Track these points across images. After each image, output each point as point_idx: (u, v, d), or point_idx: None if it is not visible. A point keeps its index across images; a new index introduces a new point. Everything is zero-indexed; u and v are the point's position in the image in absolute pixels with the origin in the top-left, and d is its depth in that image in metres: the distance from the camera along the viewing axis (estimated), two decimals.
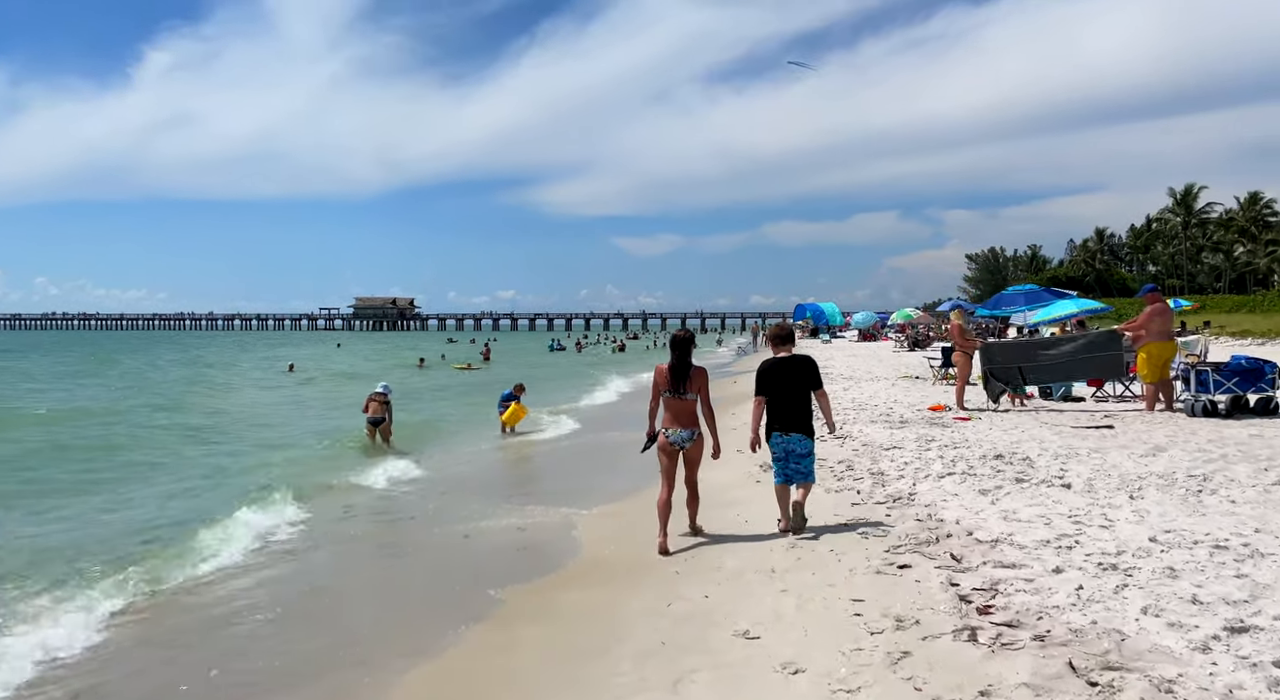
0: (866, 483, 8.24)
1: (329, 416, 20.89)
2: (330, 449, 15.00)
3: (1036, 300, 20.17)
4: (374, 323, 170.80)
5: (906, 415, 13.27)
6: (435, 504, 10.14)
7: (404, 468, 12.43)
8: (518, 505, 9.75)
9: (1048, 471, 8.01)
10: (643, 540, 7.42)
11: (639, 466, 11.91)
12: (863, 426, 12.12)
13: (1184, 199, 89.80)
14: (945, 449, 9.66)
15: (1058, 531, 5.79)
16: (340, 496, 10.79)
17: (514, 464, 14.04)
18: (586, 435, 16.50)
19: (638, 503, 9.35)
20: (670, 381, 6.83)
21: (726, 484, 9.05)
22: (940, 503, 7.00)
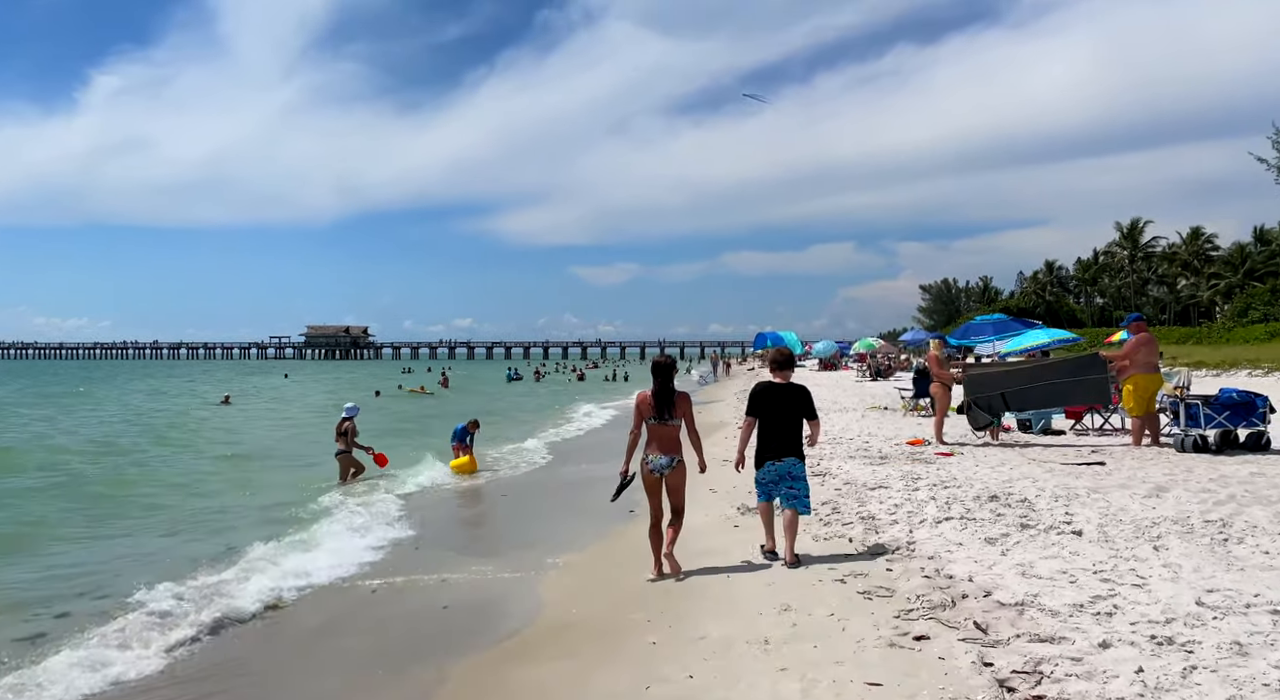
0: (858, 529, 7.50)
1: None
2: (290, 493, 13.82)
3: (1005, 330, 19.83)
4: (326, 351, 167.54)
5: (885, 450, 12.63)
6: (370, 557, 9.10)
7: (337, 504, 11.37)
8: (469, 557, 8.81)
9: (1052, 516, 7.35)
10: (613, 597, 6.60)
11: (606, 506, 11.13)
12: (841, 462, 11.43)
13: (1130, 233, 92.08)
14: (935, 489, 8.98)
15: (1089, 592, 5.09)
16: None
17: (466, 507, 13.02)
18: (547, 471, 15.60)
19: (605, 550, 8.53)
20: (654, 407, 6.69)
21: (701, 528, 8.25)
22: (945, 554, 6.28)
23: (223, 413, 33.36)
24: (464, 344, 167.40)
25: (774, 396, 6.89)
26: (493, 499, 12.92)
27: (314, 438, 23.01)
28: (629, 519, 9.98)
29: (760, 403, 6.89)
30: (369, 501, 11.92)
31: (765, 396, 6.91)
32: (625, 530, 9.34)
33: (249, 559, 8.65)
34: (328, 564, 8.46)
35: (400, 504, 11.96)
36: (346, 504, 11.83)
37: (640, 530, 9.05)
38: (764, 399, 6.90)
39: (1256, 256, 76.01)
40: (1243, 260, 76.96)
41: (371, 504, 11.74)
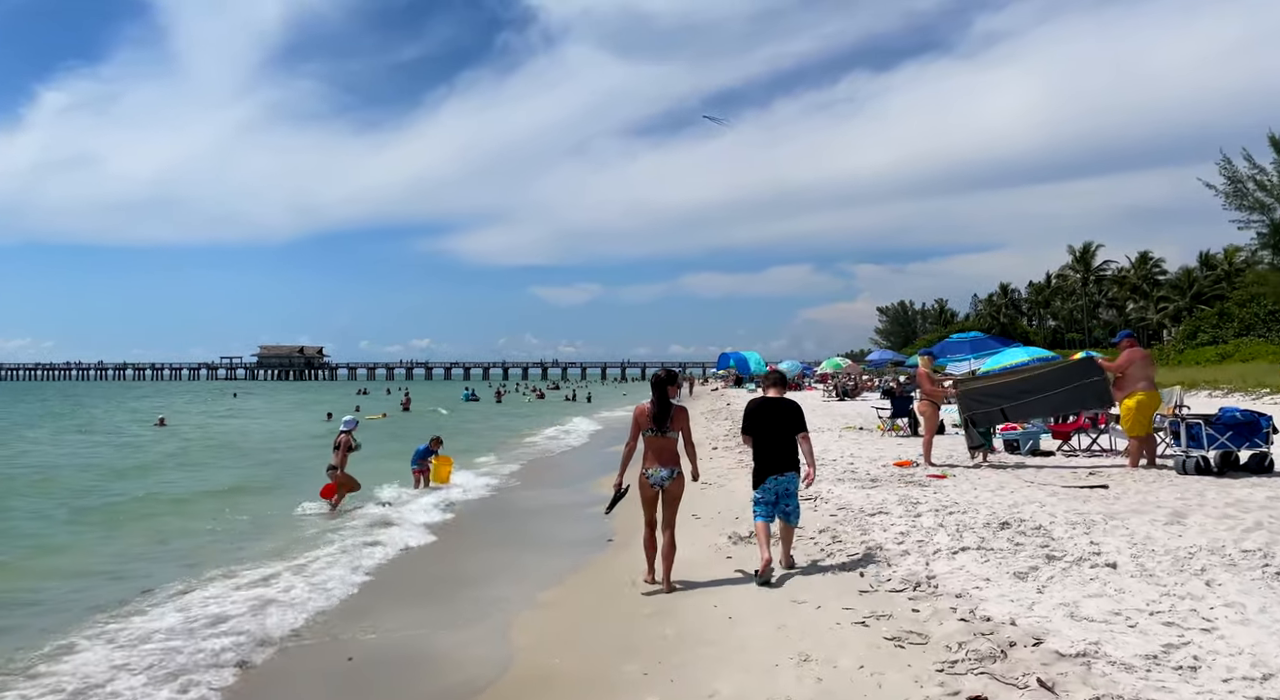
0: (865, 560, 6.79)
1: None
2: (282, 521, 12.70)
3: (982, 348, 19.46)
4: (280, 372, 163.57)
5: (872, 471, 12.00)
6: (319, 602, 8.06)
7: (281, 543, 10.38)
8: (427, 600, 7.93)
9: (1076, 545, 6.72)
10: (599, 642, 5.79)
11: (579, 535, 10.32)
12: (830, 485, 10.76)
13: (1083, 256, 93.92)
14: (939, 514, 8.33)
15: (1158, 640, 4.43)
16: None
17: (424, 535, 12.00)
18: (512, 495, 14.70)
19: (585, 584, 7.71)
20: (652, 420, 6.75)
21: (691, 560, 7.48)
22: (974, 592, 5.60)
23: (155, 436, 31.69)
24: (422, 364, 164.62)
25: (768, 412, 6.94)
26: (449, 528, 11.99)
27: (258, 460, 21.85)
28: (606, 548, 9.22)
29: (756, 419, 6.96)
30: (315, 538, 10.90)
31: (760, 413, 6.96)
32: (604, 560, 8.57)
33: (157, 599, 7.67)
34: (275, 614, 7.50)
35: (346, 538, 11.00)
36: (288, 542, 10.84)
37: (620, 559, 8.32)
38: (759, 415, 6.96)
39: (1203, 280, 77.85)
40: (1190, 284, 78.79)
41: (316, 540, 10.76)
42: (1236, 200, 56.73)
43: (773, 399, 7.02)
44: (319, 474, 13.75)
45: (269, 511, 13.21)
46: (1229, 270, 73.87)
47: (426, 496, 14.04)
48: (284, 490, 15.55)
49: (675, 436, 6.79)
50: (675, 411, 6.82)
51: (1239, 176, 55.76)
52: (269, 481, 17.30)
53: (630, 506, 11.66)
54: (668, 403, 6.81)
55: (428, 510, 12.85)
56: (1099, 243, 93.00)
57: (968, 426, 12.32)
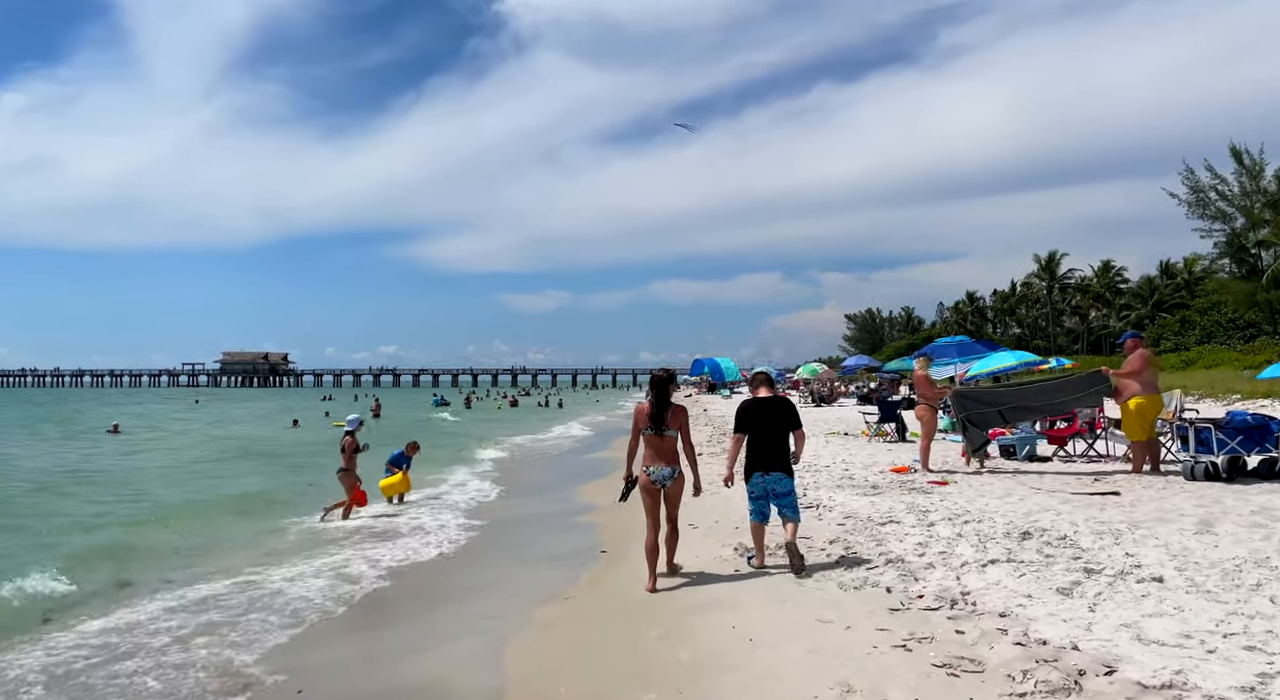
0: (889, 574, 6.30)
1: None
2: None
3: (969, 352, 19.18)
4: (243, 379, 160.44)
5: (870, 478, 11.55)
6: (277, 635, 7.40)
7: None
8: (403, 618, 7.32)
9: (1110, 557, 6.29)
10: (605, 666, 5.23)
11: (572, 545, 9.66)
12: (829, 492, 10.30)
13: (1048, 264, 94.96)
14: (954, 523, 7.88)
15: (1248, 668, 3.98)
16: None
17: (403, 550, 11.35)
18: (498, 502, 14.05)
19: (583, 599, 7.13)
20: (651, 419, 6.76)
21: (701, 576, 6.95)
22: (1019, 610, 5.12)
23: (108, 444, 30.46)
24: (389, 371, 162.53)
25: (760, 412, 7.01)
26: (433, 540, 11.34)
27: (206, 472, 21.00)
28: (600, 560, 8.64)
29: (747, 419, 7.03)
30: (279, 555, 10.20)
31: (752, 413, 7.04)
32: (600, 573, 7.99)
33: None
34: (222, 643, 6.84)
35: (315, 554, 10.32)
36: (245, 559, 10.13)
37: (618, 572, 7.75)
38: (751, 415, 7.03)
39: (1164, 289, 79.04)
40: (1151, 292, 79.94)
41: (280, 557, 10.06)
42: (1199, 210, 57.76)
43: (765, 398, 7.11)
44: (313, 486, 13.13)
45: (225, 527, 12.47)
46: (1189, 279, 75.16)
47: (403, 507, 13.37)
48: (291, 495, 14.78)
49: (674, 436, 6.78)
50: (674, 410, 6.81)
51: (1201, 186, 56.89)
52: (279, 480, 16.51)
53: (618, 515, 11.12)
54: (667, 402, 6.81)
55: (406, 521, 12.19)
56: (1064, 251, 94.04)
57: (966, 428, 11.93)
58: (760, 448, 6.90)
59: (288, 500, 14.66)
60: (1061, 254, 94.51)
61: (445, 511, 13.01)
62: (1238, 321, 56.01)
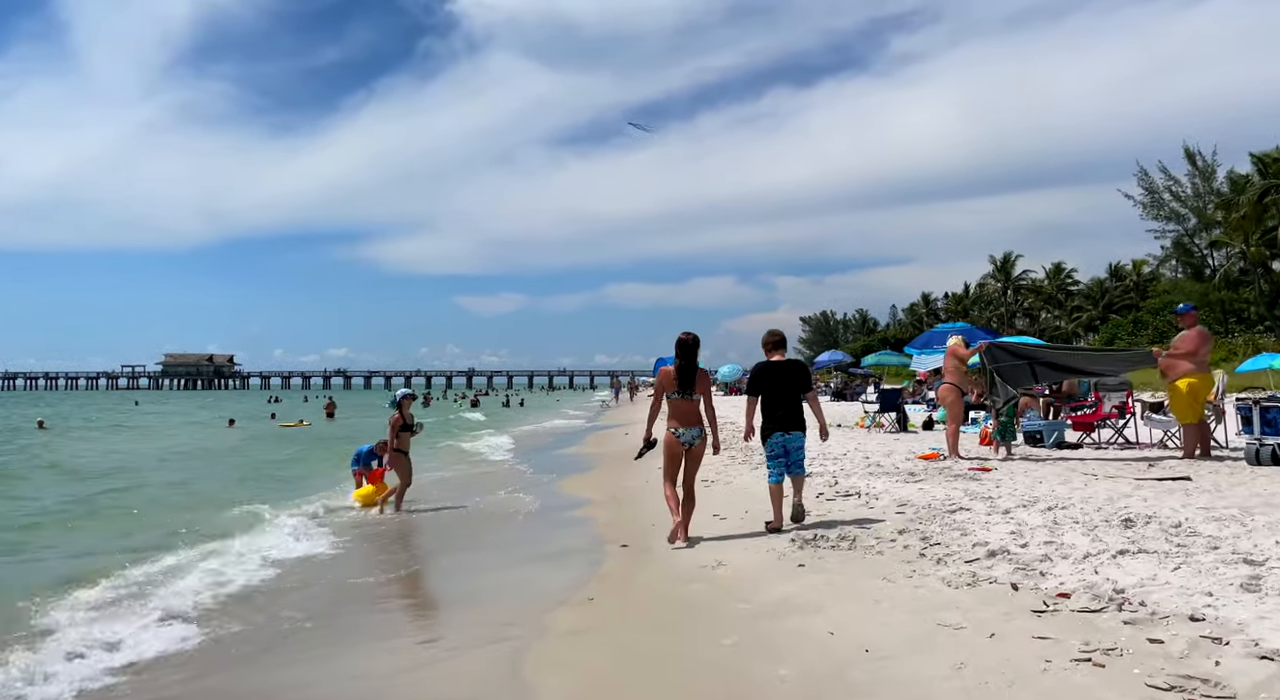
0: (999, 568, 5.13)
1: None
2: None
3: (971, 339, 18.15)
4: (186, 381, 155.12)
5: (900, 465, 10.46)
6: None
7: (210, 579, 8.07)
8: (404, 633, 5.99)
9: (1260, 547, 5.23)
10: (679, 689, 3.98)
11: (574, 540, 8.35)
12: (865, 480, 9.18)
13: (1004, 266, 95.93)
14: (1033, 510, 6.79)
15: None
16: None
17: (387, 550, 9.80)
18: (475, 497, 12.63)
19: (612, 600, 5.85)
20: (678, 382, 6.94)
21: (760, 577, 5.75)
22: (1208, 611, 4.00)
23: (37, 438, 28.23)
24: (340, 373, 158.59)
25: (774, 374, 7.18)
26: (414, 537, 9.96)
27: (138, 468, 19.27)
28: (617, 556, 7.35)
29: (761, 381, 7.22)
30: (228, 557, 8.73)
31: (766, 375, 7.22)
32: (623, 570, 6.72)
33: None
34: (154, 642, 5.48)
35: (280, 546, 8.90)
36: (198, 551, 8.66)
37: (649, 570, 6.51)
38: (765, 377, 7.21)
39: (1114, 291, 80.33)
40: (1102, 294, 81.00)
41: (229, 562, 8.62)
42: (1154, 211, 58.63)
43: (778, 362, 7.25)
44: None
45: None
46: (1138, 281, 76.43)
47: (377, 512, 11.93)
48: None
49: (698, 399, 6.97)
50: (698, 374, 6.99)
51: (1156, 188, 57.66)
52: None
53: (618, 510, 9.82)
54: (694, 366, 6.95)
55: (375, 518, 10.79)
56: (1018, 253, 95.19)
57: (993, 384, 10.81)
58: (777, 408, 7.06)
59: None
60: (1016, 256, 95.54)
61: (414, 508, 11.60)
62: None
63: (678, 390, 6.90)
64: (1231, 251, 53.32)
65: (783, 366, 7.19)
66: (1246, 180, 49.74)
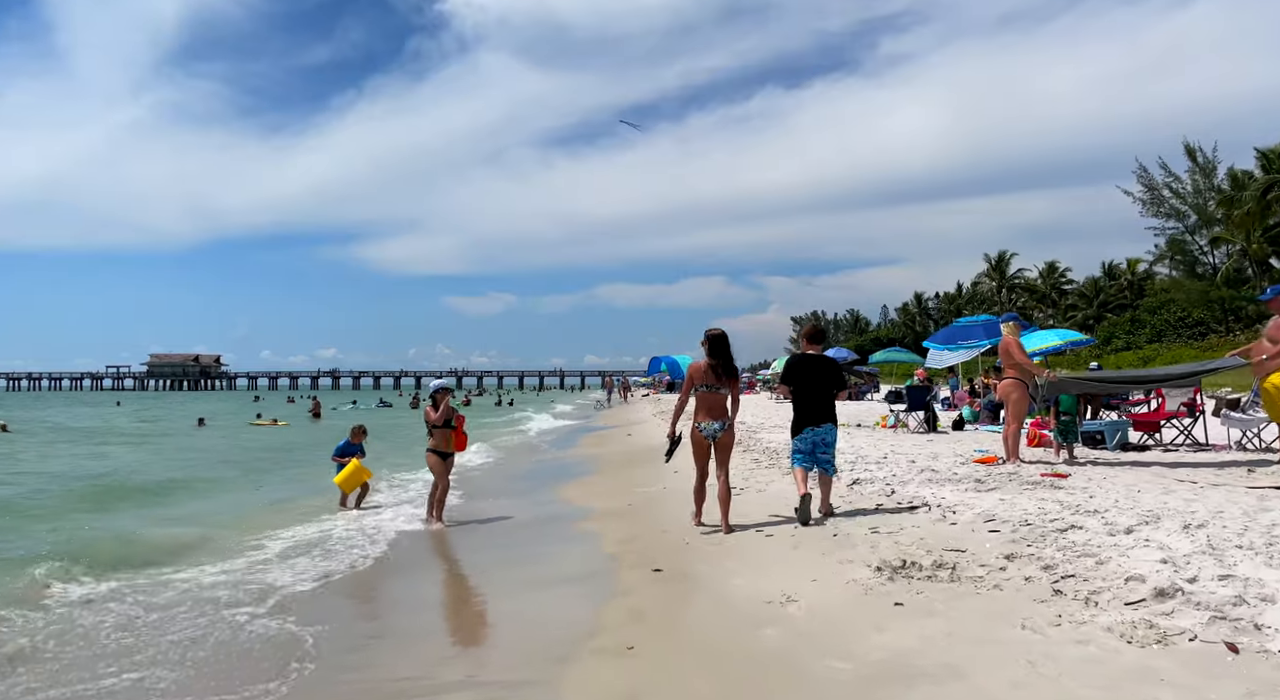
0: (1185, 615, 3.85)
1: None
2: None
3: (998, 332, 16.87)
4: (172, 382, 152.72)
5: (956, 470, 9.15)
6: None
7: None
8: (408, 654, 4.65)
9: None
10: None
11: (589, 564, 6.78)
12: (926, 488, 7.86)
13: (998, 264, 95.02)
14: (1164, 528, 5.49)
15: None
16: None
17: (379, 576, 8.48)
18: (472, 506, 11.28)
19: (658, 646, 4.51)
20: (710, 376, 6.98)
21: (847, 616, 4.44)
22: None
23: None
24: (328, 373, 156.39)
25: (808, 367, 7.23)
26: (410, 551, 8.58)
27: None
28: (633, 584, 6.03)
29: (796, 373, 7.26)
30: (203, 564, 7.37)
31: (801, 367, 7.27)
32: (663, 605, 5.39)
33: None
34: None
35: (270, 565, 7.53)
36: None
37: (698, 607, 5.19)
38: (799, 369, 7.26)
39: (1109, 290, 79.57)
40: (1096, 293, 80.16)
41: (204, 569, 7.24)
42: (1153, 208, 57.69)
43: (812, 355, 7.32)
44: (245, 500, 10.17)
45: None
46: (1132, 280, 75.64)
47: (359, 514, 10.58)
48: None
49: (726, 393, 7.03)
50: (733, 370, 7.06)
51: (1156, 184, 56.71)
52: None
53: (634, 523, 8.48)
54: (731, 361, 7.04)
55: (359, 528, 9.43)
56: (1013, 252, 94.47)
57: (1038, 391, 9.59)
58: (809, 402, 7.12)
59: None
60: (1011, 254, 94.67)
61: (407, 513, 10.22)
62: (1186, 320, 55.94)
63: (711, 384, 6.96)
64: (1233, 248, 52.53)
65: (818, 361, 7.29)
66: (1250, 176, 48.86)
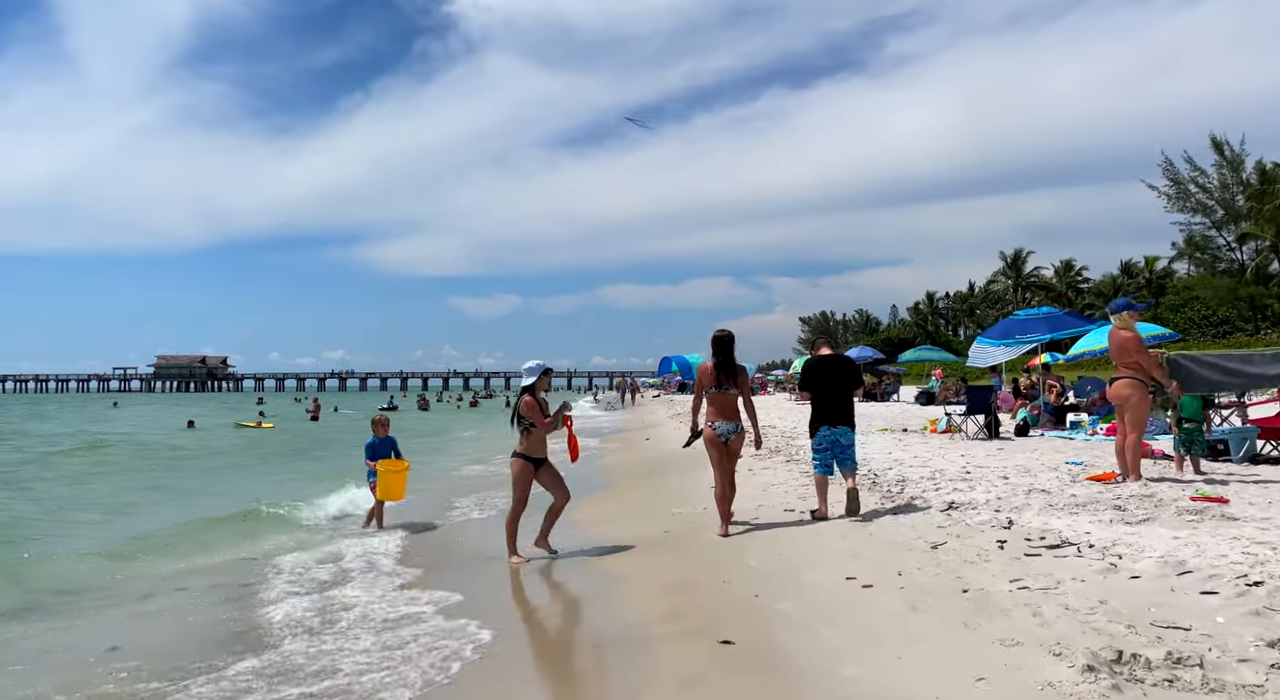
0: None
1: None
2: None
3: (1062, 326, 15.10)
4: (179, 383, 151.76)
5: (1079, 493, 7.46)
6: None
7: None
8: None
9: None
10: None
11: (619, 625, 5.20)
12: (1061, 519, 6.19)
13: (1014, 262, 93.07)
14: None
15: None
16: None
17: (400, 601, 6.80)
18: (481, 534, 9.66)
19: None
20: (716, 377, 7.00)
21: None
22: None
23: None
24: (335, 374, 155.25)
25: (826, 369, 7.38)
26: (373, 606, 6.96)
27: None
28: (662, 633, 4.38)
29: (814, 375, 7.41)
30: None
31: (819, 370, 7.41)
32: (707, 671, 3.76)
33: None
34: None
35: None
36: None
37: (745, 681, 3.60)
38: (817, 372, 7.41)
39: (1128, 288, 77.80)
40: (1114, 291, 78.24)
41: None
42: (1178, 203, 55.75)
43: (829, 356, 7.48)
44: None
45: None
46: (1150, 277, 73.70)
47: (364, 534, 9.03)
48: None
49: (736, 394, 7.04)
50: (737, 369, 7.07)
51: (1181, 179, 54.77)
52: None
53: (666, 561, 6.76)
54: (732, 362, 7.06)
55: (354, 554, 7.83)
56: (1030, 250, 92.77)
57: (1158, 393, 7.90)
58: (826, 403, 7.24)
59: None
60: (1028, 252, 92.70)
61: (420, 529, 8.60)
62: (1211, 319, 54.12)
63: (716, 385, 6.97)
64: (1261, 244, 50.68)
65: (834, 362, 7.42)
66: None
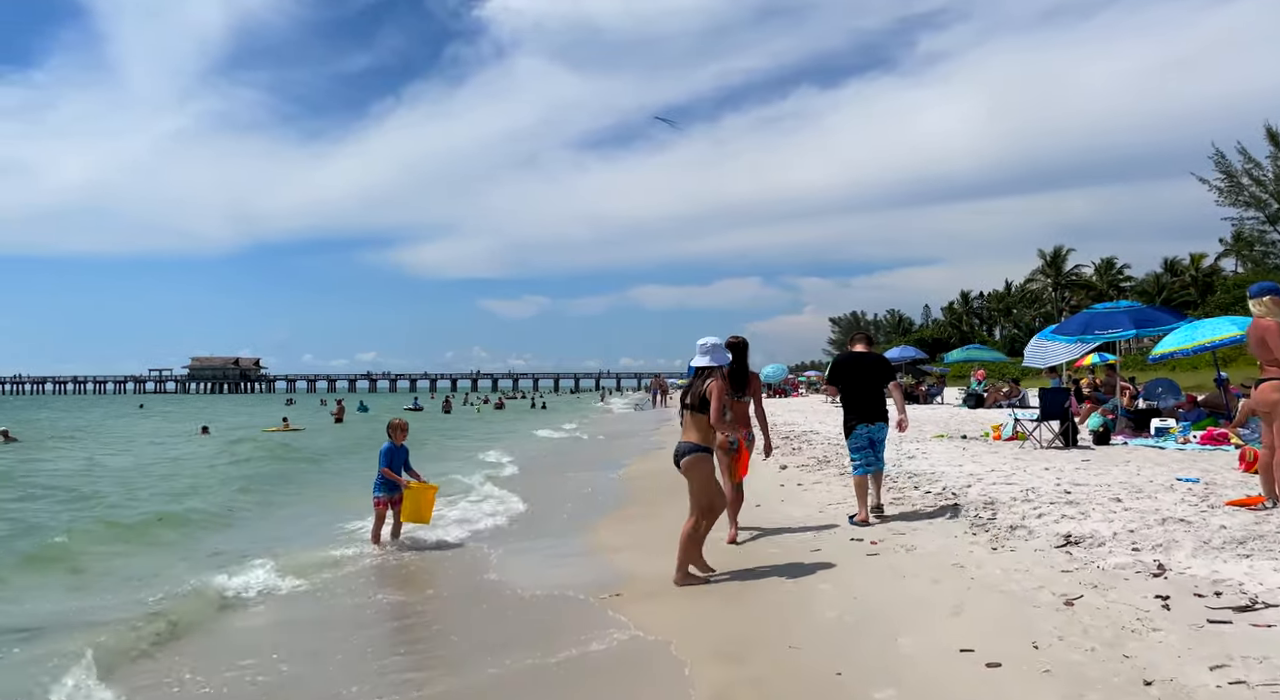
0: None
1: None
2: None
3: (1148, 321, 13.58)
4: (213, 385, 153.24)
5: (1212, 520, 6.22)
6: None
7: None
8: None
9: None
10: None
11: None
12: (1221, 561, 4.98)
13: (1054, 260, 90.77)
14: None
15: None
16: None
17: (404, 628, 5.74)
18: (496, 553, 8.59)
19: None
20: (729, 385, 6.42)
21: None
22: None
23: None
24: (365, 376, 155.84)
25: (857, 365, 7.32)
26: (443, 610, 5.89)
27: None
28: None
29: (843, 371, 7.39)
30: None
31: (849, 365, 7.37)
32: None
33: None
34: None
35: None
36: None
37: None
38: (847, 368, 7.37)
39: (1172, 286, 75.42)
40: (1159, 290, 75.87)
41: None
42: (1232, 197, 53.37)
43: (860, 353, 7.41)
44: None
45: None
46: (1195, 275, 71.18)
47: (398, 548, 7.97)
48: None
49: (748, 401, 6.95)
50: (749, 377, 6.99)
51: (1234, 171, 52.42)
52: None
53: (713, 616, 5.51)
54: (745, 368, 6.94)
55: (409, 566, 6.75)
56: (1070, 247, 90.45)
57: None
58: (861, 400, 7.21)
59: None
60: (1068, 250, 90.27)
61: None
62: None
63: (731, 392, 6.56)
64: None
65: (867, 358, 7.37)
66: None
